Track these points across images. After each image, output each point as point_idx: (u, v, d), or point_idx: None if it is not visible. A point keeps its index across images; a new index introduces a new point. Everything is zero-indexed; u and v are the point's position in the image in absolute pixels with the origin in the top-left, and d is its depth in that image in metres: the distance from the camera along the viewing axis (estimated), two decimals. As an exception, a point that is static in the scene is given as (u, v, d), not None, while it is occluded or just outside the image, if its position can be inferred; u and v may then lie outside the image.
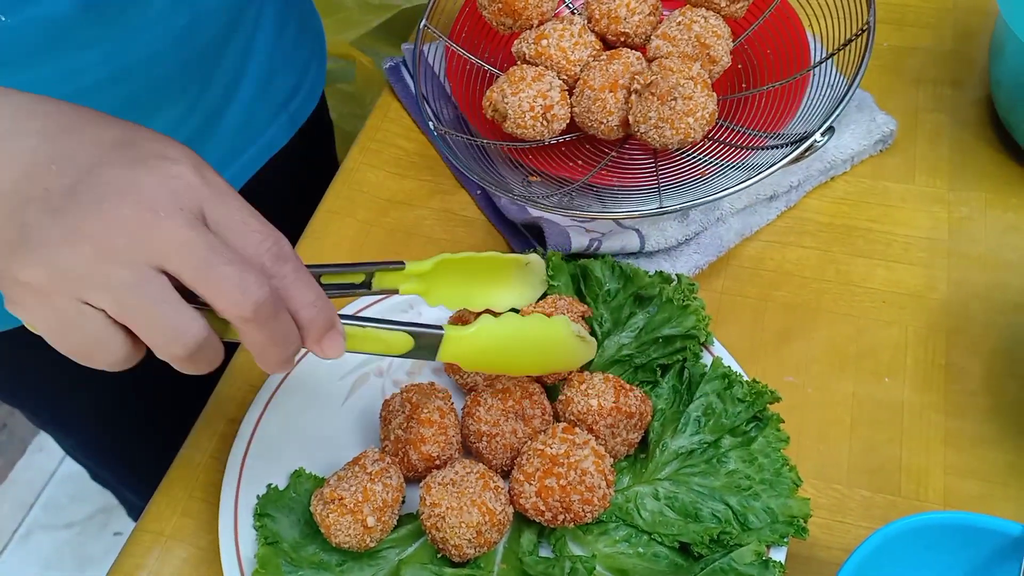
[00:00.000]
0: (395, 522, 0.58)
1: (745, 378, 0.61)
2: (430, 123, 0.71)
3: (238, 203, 0.43)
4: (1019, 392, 0.64)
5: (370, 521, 0.55)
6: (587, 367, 0.64)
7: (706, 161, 0.68)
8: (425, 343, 0.51)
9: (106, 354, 0.42)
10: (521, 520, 0.59)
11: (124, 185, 0.41)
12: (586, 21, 0.71)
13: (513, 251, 0.74)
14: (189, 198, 0.42)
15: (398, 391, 0.63)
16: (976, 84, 0.81)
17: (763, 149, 0.66)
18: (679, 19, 0.68)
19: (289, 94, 0.87)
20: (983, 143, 0.77)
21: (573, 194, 0.69)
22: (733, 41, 0.70)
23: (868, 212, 0.74)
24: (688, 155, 0.70)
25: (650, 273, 0.65)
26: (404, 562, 0.57)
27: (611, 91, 0.66)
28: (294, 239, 0.79)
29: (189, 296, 0.42)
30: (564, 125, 0.69)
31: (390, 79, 0.87)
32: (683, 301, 0.63)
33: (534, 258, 0.64)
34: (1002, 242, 0.71)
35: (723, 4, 0.69)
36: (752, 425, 0.60)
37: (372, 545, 0.56)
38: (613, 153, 0.72)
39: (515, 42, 0.72)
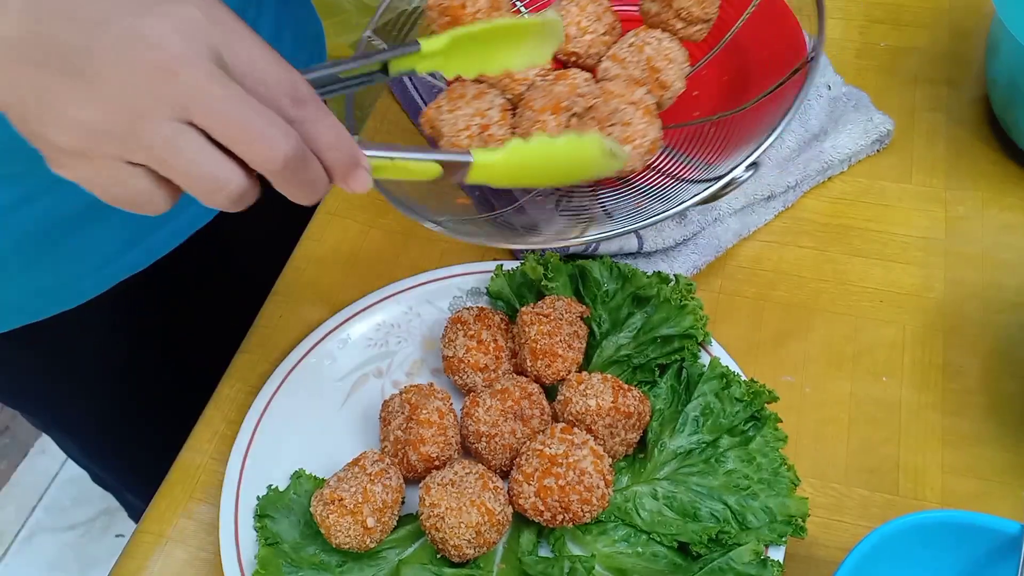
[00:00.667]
0: (395, 523, 0.58)
1: (743, 378, 0.61)
2: (355, 136, 0.69)
3: (252, 41, 0.42)
4: (1016, 391, 0.64)
5: (370, 522, 0.56)
6: (586, 365, 0.65)
7: (643, 190, 0.66)
8: (453, 169, 0.50)
9: (153, 205, 0.43)
10: (520, 520, 0.59)
11: (136, 38, 0.40)
12: None
13: (513, 256, 0.74)
14: (203, 43, 0.41)
15: (397, 392, 0.63)
16: (972, 84, 0.81)
17: (694, 182, 0.64)
18: (631, 40, 0.65)
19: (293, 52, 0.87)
20: (980, 142, 0.77)
21: (499, 219, 0.66)
22: (692, 65, 0.66)
23: (865, 212, 0.74)
24: (628, 183, 0.68)
25: (648, 273, 0.65)
26: (404, 562, 0.57)
27: (552, 113, 0.63)
28: (294, 241, 0.79)
29: None
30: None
31: (388, 81, 0.87)
32: (681, 301, 0.63)
33: (551, 17, 0.58)
34: (999, 241, 0.71)
35: (679, 26, 0.65)
36: (750, 425, 0.60)
37: (372, 546, 0.57)
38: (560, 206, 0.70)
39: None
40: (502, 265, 0.69)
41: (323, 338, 0.68)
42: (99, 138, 0.40)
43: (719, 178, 0.59)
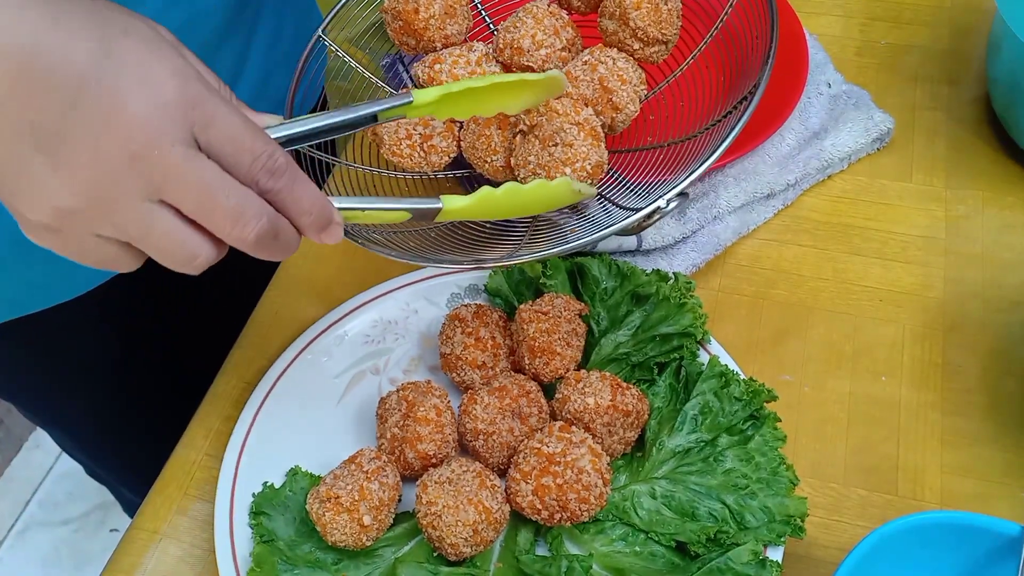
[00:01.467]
0: (391, 521, 0.58)
1: (742, 376, 0.61)
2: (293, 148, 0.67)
3: (227, 118, 0.43)
4: (1016, 390, 0.64)
5: (366, 520, 0.55)
6: (584, 363, 0.64)
7: (580, 212, 0.63)
8: (422, 215, 0.51)
9: (124, 266, 0.45)
10: (518, 519, 0.58)
11: (110, 121, 0.40)
12: (492, 49, 0.65)
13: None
14: (177, 124, 0.41)
15: (394, 389, 0.62)
16: (973, 82, 0.81)
17: (623, 208, 0.61)
18: (586, 58, 0.61)
19: (287, 94, 0.87)
20: (980, 141, 0.77)
21: (438, 235, 0.64)
22: (650, 89, 0.63)
23: (865, 210, 0.74)
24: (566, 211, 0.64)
25: (647, 271, 0.65)
26: (400, 560, 0.57)
27: (498, 128, 0.61)
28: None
29: None
30: (447, 159, 0.64)
31: (386, 75, 0.87)
32: (680, 299, 0.63)
33: (554, 73, 0.57)
34: (999, 240, 0.71)
35: (636, 46, 0.61)
36: (749, 424, 0.60)
37: (368, 544, 0.56)
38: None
39: (414, 64, 0.67)
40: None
41: (320, 334, 0.68)
42: (70, 218, 0.41)
43: (642, 208, 0.56)
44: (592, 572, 0.55)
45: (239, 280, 0.86)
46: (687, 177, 0.55)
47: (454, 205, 0.51)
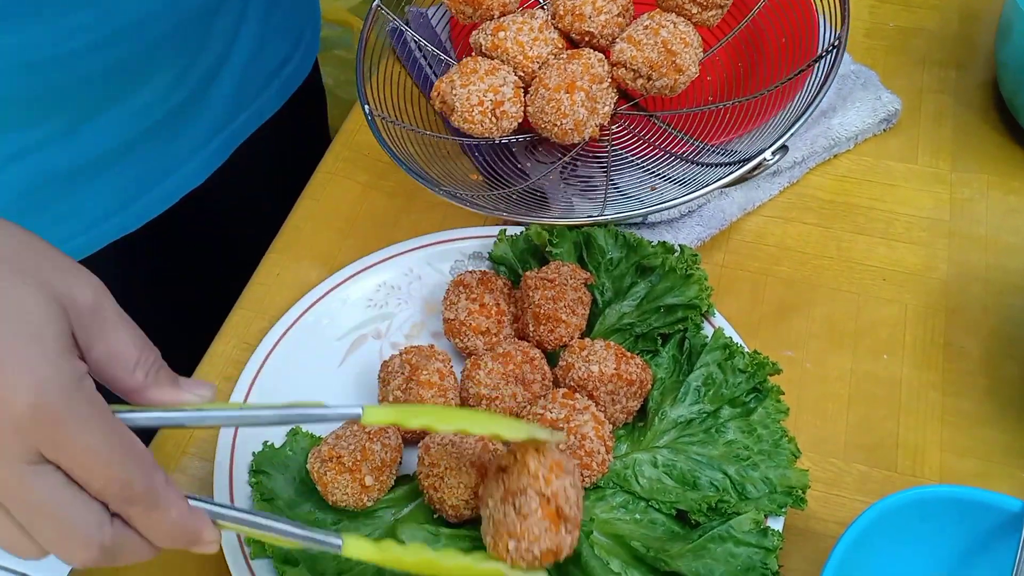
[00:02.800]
0: (392, 482, 0.57)
1: (746, 349, 0.61)
2: (364, 106, 0.68)
3: (82, 442, 0.38)
4: (1017, 373, 0.64)
5: (368, 480, 0.55)
6: (588, 333, 0.64)
7: (659, 173, 0.66)
8: (322, 549, 0.46)
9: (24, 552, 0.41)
10: (518, 484, 0.58)
11: None
12: (550, 16, 0.67)
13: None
14: (21, 443, 0.37)
15: (397, 353, 0.62)
16: (981, 66, 0.81)
17: (714, 166, 0.64)
18: (647, 23, 0.64)
19: (282, 61, 0.86)
20: (987, 125, 0.77)
21: (514, 195, 0.66)
22: (705, 51, 0.66)
23: (870, 190, 0.74)
24: (641, 166, 0.68)
25: (653, 243, 0.65)
26: (400, 522, 0.57)
27: (567, 92, 0.62)
28: (285, 206, 0.78)
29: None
30: (515, 124, 0.65)
31: (392, 41, 0.86)
32: (686, 271, 0.63)
33: (541, 435, 0.51)
34: (1003, 224, 0.71)
35: (694, 11, 0.64)
36: (752, 396, 0.60)
37: (369, 504, 0.56)
38: (566, 158, 0.69)
39: (473, 32, 0.68)
40: (505, 230, 0.68)
41: (322, 297, 0.67)
42: None
43: (745, 161, 0.59)
44: (592, 539, 0.55)
45: (237, 248, 0.85)
46: (789, 130, 0.58)
47: (355, 551, 0.46)
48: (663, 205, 0.62)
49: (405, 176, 0.75)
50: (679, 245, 0.65)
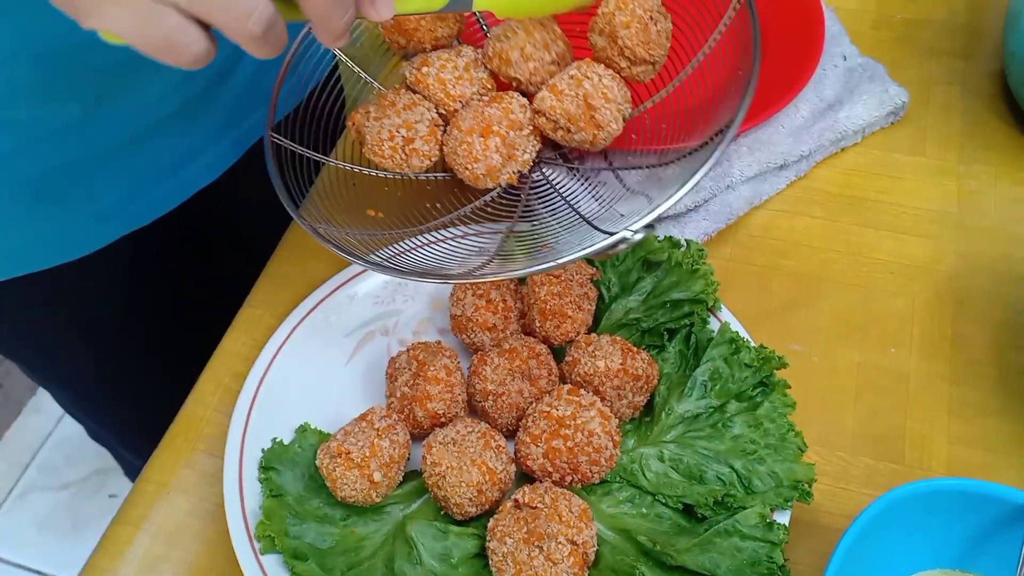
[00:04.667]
0: (400, 478, 0.58)
1: (752, 344, 0.61)
2: (267, 130, 0.67)
3: None
4: (1024, 364, 0.64)
5: (376, 476, 0.55)
6: (594, 329, 0.64)
7: (563, 226, 0.63)
8: None
9: (186, 48, 0.44)
10: (524, 479, 0.59)
11: None
12: (480, 56, 0.65)
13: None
14: None
15: (405, 349, 0.62)
16: (988, 57, 0.81)
17: (605, 233, 0.57)
18: (572, 72, 0.61)
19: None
20: (994, 116, 0.77)
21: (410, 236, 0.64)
22: (635, 107, 0.63)
23: (878, 183, 0.74)
24: (545, 220, 0.64)
25: (659, 238, 0.65)
26: (409, 518, 0.57)
27: (481, 136, 0.60)
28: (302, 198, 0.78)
29: None
30: (428, 162, 0.63)
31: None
32: (692, 266, 0.63)
33: None
34: (1011, 215, 0.71)
35: (623, 64, 0.61)
36: (758, 390, 0.60)
37: (377, 500, 0.57)
38: (478, 202, 0.67)
39: (403, 62, 0.66)
40: (513, 227, 0.68)
41: (330, 294, 0.68)
42: None
43: (612, 234, 0.54)
44: (598, 533, 0.56)
45: (246, 244, 0.86)
46: (651, 211, 0.53)
47: None
48: (533, 269, 0.55)
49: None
50: (685, 240, 0.65)
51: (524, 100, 0.63)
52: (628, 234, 0.53)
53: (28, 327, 0.86)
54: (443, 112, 0.64)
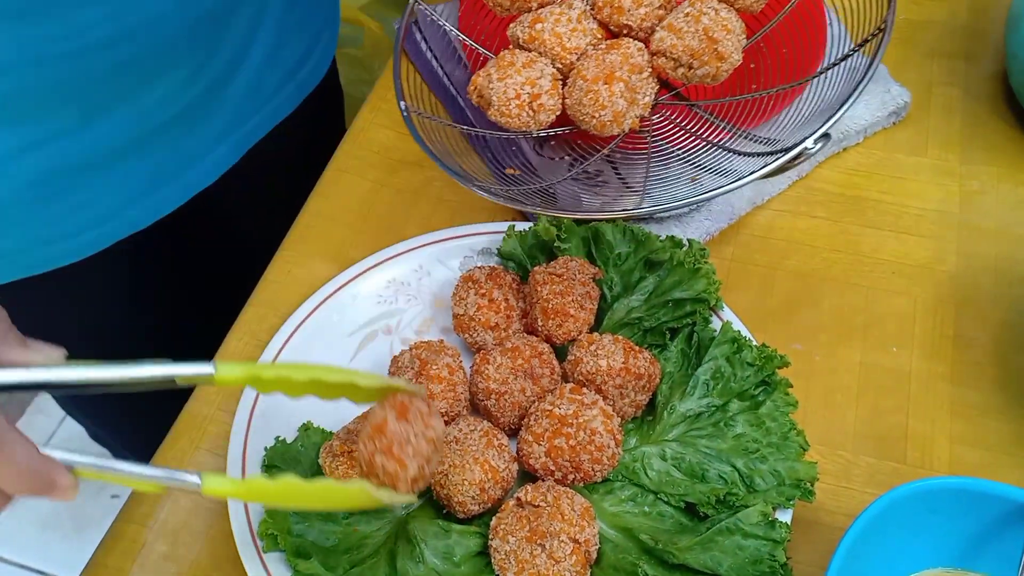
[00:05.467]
0: (403, 476, 0.58)
1: (754, 343, 0.61)
2: (401, 103, 0.68)
3: None
4: (1026, 364, 0.64)
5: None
6: (596, 328, 0.64)
7: (699, 164, 0.65)
8: (182, 488, 0.46)
9: None
10: (527, 477, 0.59)
11: None
12: (589, 7, 0.66)
13: (525, 218, 0.73)
14: None
15: (408, 347, 0.63)
16: (990, 58, 0.81)
17: (754, 155, 0.63)
18: (688, 10, 0.62)
19: (299, 62, 0.86)
20: (996, 117, 0.77)
21: (554, 187, 0.66)
22: (748, 38, 0.64)
23: (880, 184, 0.74)
24: (681, 157, 0.67)
25: (661, 237, 0.65)
26: (411, 516, 0.57)
27: (605, 83, 0.61)
28: (298, 204, 0.79)
29: None
30: (553, 117, 0.65)
31: (404, 44, 0.86)
32: (694, 265, 0.63)
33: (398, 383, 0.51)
34: (1012, 216, 0.71)
35: None
36: (760, 389, 0.60)
37: (380, 498, 0.57)
38: (604, 151, 0.69)
39: (510, 25, 0.67)
40: (514, 226, 0.68)
41: (333, 293, 0.68)
42: None
43: (789, 149, 0.57)
44: (600, 531, 0.56)
45: (248, 245, 0.86)
46: (829, 119, 0.56)
47: (214, 487, 0.45)
48: (707, 195, 0.59)
49: (414, 173, 0.76)
50: (687, 239, 0.65)
51: (640, 44, 0.64)
52: (810, 144, 0.56)
53: (27, 329, 0.86)
54: (560, 66, 0.64)
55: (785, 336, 0.67)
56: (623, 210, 0.62)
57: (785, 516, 0.55)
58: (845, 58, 0.63)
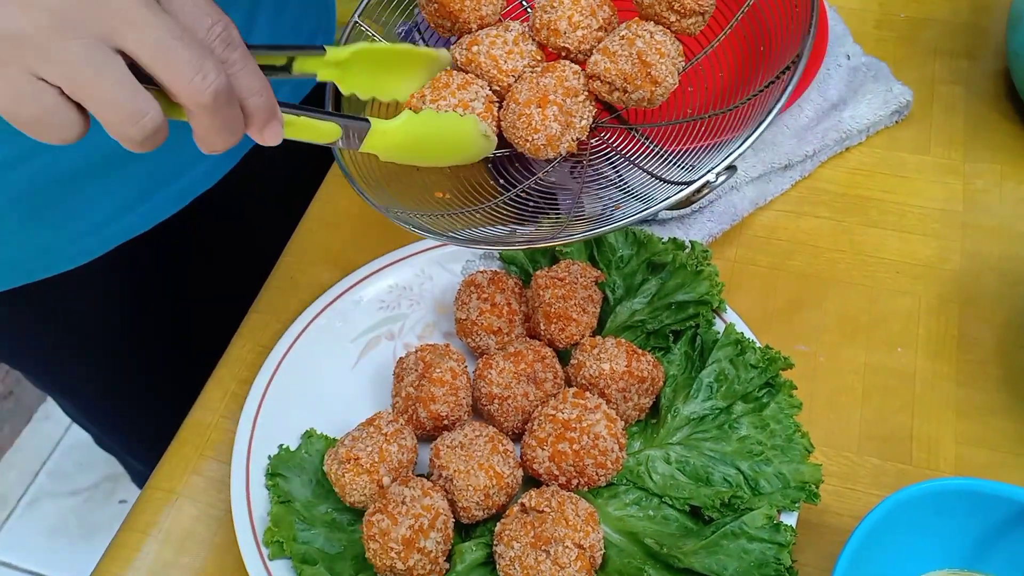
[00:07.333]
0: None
1: (758, 345, 0.61)
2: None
3: None
4: (1031, 363, 0.64)
5: (386, 481, 0.56)
6: (599, 331, 0.64)
7: (628, 188, 0.63)
8: (353, 132, 0.52)
9: (58, 130, 0.41)
10: (531, 483, 0.59)
11: None
12: (528, 29, 0.64)
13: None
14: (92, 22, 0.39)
15: (413, 350, 0.63)
16: (992, 56, 0.80)
17: (673, 183, 0.60)
18: (623, 33, 0.61)
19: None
20: (999, 115, 0.77)
21: (480, 212, 0.64)
22: (687, 61, 0.63)
23: (883, 183, 0.74)
24: (613, 182, 0.64)
25: (663, 240, 0.65)
26: (416, 522, 0.57)
27: (539, 106, 0.60)
28: (302, 206, 0.79)
29: (141, 76, 0.41)
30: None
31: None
32: (697, 267, 0.63)
33: (443, 53, 0.62)
34: (1017, 214, 0.71)
35: (673, 19, 0.61)
36: (764, 391, 0.60)
37: (384, 505, 0.57)
38: (539, 174, 0.66)
39: (451, 47, 0.66)
40: (516, 229, 0.68)
41: (335, 299, 0.68)
42: (20, 44, 0.39)
43: (693, 181, 0.55)
44: (605, 536, 0.56)
45: (249, 250, 0.86)
46: (735, 150, 0.54)
47: (384, 127, 0.53)
48: (613, 226, 0.57)
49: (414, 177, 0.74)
50: (690, 241, 0.65)
51: (576, 67, 0.63)
52: (712, 177, 0.54)
53: (29, 337, 0.86)
54: (497, 88, 0.63)
55: (789, 337, 0.66)
56: (543, 239, 0.60)
57: (790, 519, 0.55)
58: (767, 87, 0.59)
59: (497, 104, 0.63)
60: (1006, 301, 0.67)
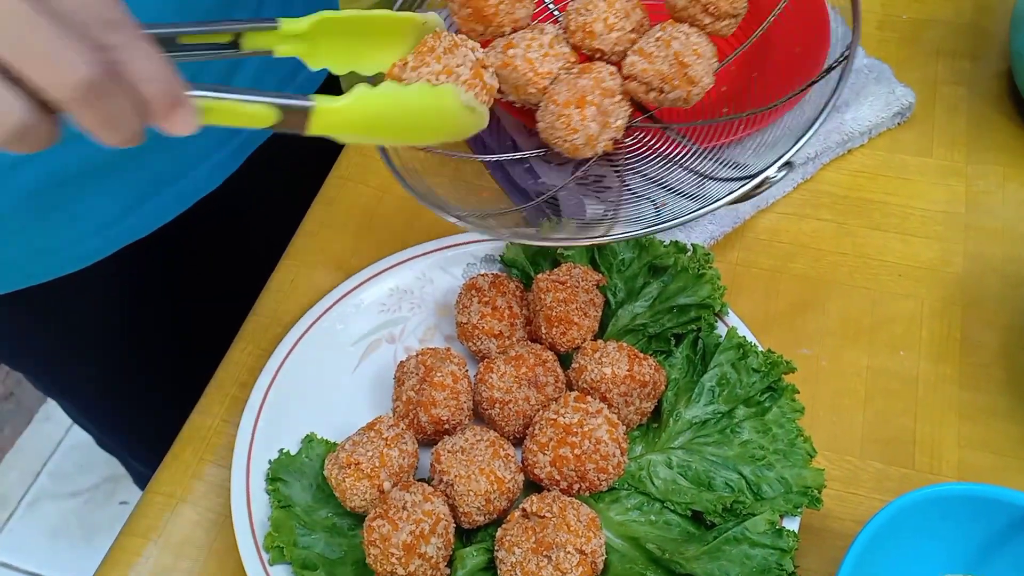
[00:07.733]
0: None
1: (760, 348, 0.60)
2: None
3: None
4: (1035, 366, 0.63)
5: (386, 486, 0.55)
6: (600, 335, 0.64)
7: (670, 187, 0.64)
8: (292, 117, 0.44)
9: None
10: (532, 488, 0.58)
11: None
12: (561, 31, 0.65)
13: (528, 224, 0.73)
14: None
15: (415, 354, 0.62)
16: (995, 57, 0.80)
17: (724, 180, 0.62)
18: (658, 34, 0.62)
19: (297, 64, 0.86)
20: (1002, 117, 0.76)
21: (527, 212, 0.65)
22: (720, 61, 0.64)
23: (885, 185, 0.74)
24: (653, 179, 0.66)
25: (665, 243, 0.65)
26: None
27: (577, 107, 0.60)
28: (303, 208, 0.79)
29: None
30: (489, 97, 0.61)
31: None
32: (698, 270, 0.62)
33: (432, 17, 0.56)
34: (1020, 216, 0.71)
35: (707, 21, 0.62)
36: (766, 395, 0.59)
37: (385, 510, 0.56)
38: (579, 173, 0.68)
39: (485, 50, 0.65)
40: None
41: (336, 302, 0.68)
42: None
43: (751, 177, 0.56)
44: (607, 541, 0.55)
45: (250, 252, 0.86)
46: (794, 146, 0.55)
47: (329, 105, 0.45)
48: (671, 223, 0.58)
49: (415, 180, 0.74)
50: (692, 244, 0.65)
51: (612, 68, 0.63)
52: (772, 171, 0.54)
53: (30, 338, 0.86)
54: (533, 90, 0.63)
55: (791, 340, 0.66)
56: (588, 238, 0.61)
57: (793, 524, 0.55)
58: (809, 85, 0.62)
59: (488, 70, 0.61)
60: (1009, 303, 0.66)
